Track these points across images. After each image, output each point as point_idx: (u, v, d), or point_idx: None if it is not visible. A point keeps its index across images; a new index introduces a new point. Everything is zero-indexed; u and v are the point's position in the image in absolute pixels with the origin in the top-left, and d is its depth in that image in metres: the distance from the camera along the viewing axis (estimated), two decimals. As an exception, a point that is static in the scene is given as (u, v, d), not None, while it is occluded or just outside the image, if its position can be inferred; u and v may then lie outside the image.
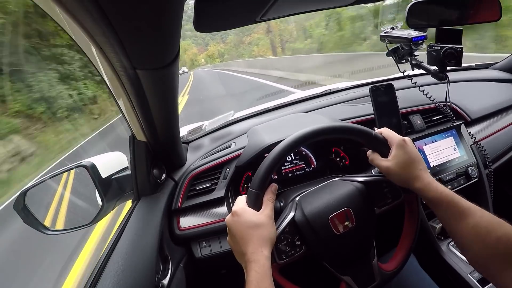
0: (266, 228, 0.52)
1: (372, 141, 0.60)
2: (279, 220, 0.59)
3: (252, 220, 0.52)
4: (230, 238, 0.55)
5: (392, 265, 0.62)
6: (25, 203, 0.67)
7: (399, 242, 0.65)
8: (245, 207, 0.54)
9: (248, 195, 0.56)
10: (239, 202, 0.56)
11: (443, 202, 0.51)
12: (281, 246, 0.56)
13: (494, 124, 1.03)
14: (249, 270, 0.48)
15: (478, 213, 0.48)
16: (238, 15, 0.51)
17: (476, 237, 0.47)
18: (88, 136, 8.47)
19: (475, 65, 1.33)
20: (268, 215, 0.54)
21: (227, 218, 0.56)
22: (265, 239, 0.51)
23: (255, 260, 0.48)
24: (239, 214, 0.53)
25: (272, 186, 0.58)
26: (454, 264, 0.81)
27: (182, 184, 0.83)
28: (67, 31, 0.41)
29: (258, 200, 0.55)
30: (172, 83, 0.54)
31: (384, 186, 0.62)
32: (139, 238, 0.66)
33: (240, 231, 0.52)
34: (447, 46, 0.81)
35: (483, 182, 0.94)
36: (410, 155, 0.57)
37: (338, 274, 0.58)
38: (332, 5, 0.62)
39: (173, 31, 0.39)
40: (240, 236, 0.51)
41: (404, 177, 0.56)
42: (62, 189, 1.13)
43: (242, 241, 0.51)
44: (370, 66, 4.81)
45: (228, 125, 1.09)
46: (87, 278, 0.58)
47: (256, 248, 0.49)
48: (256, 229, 0.51)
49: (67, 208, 1.40)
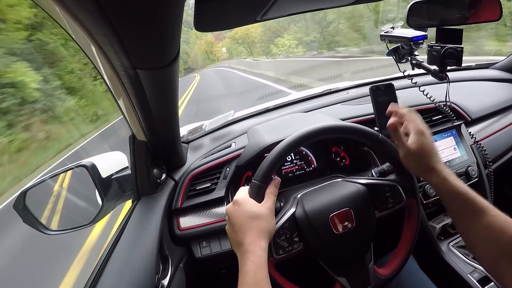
0: (266, 220, 0.52)
1: (378, 145, 0.61)
2: (280, 215, 0.59)
3: (253, 210, 0.52)
4: (229, 226, 0.54)
5: (388, 270, 0.62)
6: (25, 203, 0.67)
7: (397, 248, 0.65)
8: (247, 197, 0.54)
9: (251, 187, 0.56)
10: (241, 192, 0.56)
11: (459, 197, 0.50)
12: (279, 241, 0.56)
13: (494, 124, 1.03)
14: (245, 259, 0.47)
15: (492, 211, 0.48)
16: (238, 14, 0.51)
17: (490, 235, 0.47)
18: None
19: (475, 65, 1.33)
20: (269, 208, 0.53)
21: (227, 206, 0.55)
22: (264, 231, 0.50)
23: (252, 250, 0.48)
24: (240, 203, 0.53)
25: (275, 180, 0.57)
26: (454, 264, 0.81)
27: (182, 184, 0.83)
28: (67, 31, 0.41)
29: (261, 192, 0.55)
30: (172, 83, 0.54)
31: (386, 190, 0.62)
32: (139, 238, 0.65)
33: (240, 220, 0.52)
34: (447, 45, 0.81)
35: (483, 182, 0.94)
36: (430, 143, 0.55)
37: (333, 274, 0.58)
38: (332, 5, 0.62)
39: (173, 31, 0.39)
40: (240, 225, 0.51)
41: (421, 164, 0.55)
42: (60, 188, 1.13)
43: (240, 230, 0.51)
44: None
45: (228, 125, 1.09)
46: (87, 278, 0.58)
47: (255, 239, 0.49)
48: (256, 219, 0.51)
49: (62, 208, 1.40)
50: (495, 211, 0.48)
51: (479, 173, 0.93)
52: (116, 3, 0.30)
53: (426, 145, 0.55)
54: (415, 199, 0.63)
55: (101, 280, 0.56)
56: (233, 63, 23.61)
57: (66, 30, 0.41)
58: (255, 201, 0.54)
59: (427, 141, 0.55)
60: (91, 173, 0.70)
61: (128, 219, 0.71)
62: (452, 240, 0.89)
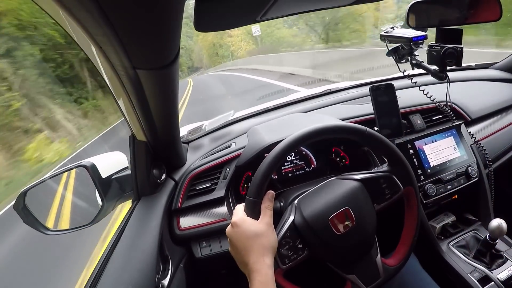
0: (266, 236, 0.52)
1: (365, 138, 0.60)
2: (279, 225, 0.59)
3: (251, 230, 0.52)
4: (232, 249, 0.55)
5: (396, 259, 0.62)
6: (25, 203, 0.67)
7: (401, 237, 0.65)
8: (243, 217, 0.55)
9: (246, 204, 0.56)
10: (238, 212, 0.56)
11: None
12: (283, 251, 0.56)
13: (494, 124, 1.03)
14: (252, 279, 0.48)
15: None
16: (238, 15, 0.51)
17: None
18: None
19: (475, 64, 1.33)
20: (267, 223, 0.54)
21: (227, 229, 0.56)
22: (266, 248, 0.51)
23: (257, 269, 0.48)
24: (238, 224, 0.53)
25: (269, 194, 0.57)
26: (454, 264, 0.81)
27: (182, 184, 0.83)
28: (67, 31, 0.41)
29: (256, 207, 0.55)
30: (172, 83, 0.54)
31: (381, 182, 0.62)
32: (139, 238, 0.65)
33: (241, 241, 0.52)
34: (447, 45, 0.81)
35: (483, 182, 0.94)
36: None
37: (343, 273, 0.58)
38: (332, 5, 0.61)
39: (173, 31, 0.39)
40: (242, 246, 0.52)
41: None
42: (63, 189, 1.13)
43: (244, 251, 0.51)
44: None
45: (228, 125, 1.09)
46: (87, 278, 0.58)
47: (258, 258, 0.49)
48: (256, 238, 0.51)
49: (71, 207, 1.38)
50: None
51: (479, 173, 0.93)
52: (116, 3, 0.30)
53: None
54: (412, 186, 0.63)
55: (101, 280, 0.56)
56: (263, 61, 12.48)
57: (66, 30, 0.41)
58: (252, 218, 0.54)
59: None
60: (91, 173, 0.70)
61: (128, 219, 0.71)
62: (452, 240, 0.89)
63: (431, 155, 0.91)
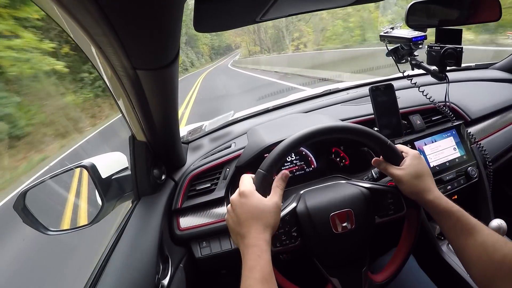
0: (272, 216, 0.51)
1: (386, 149, 0.61)
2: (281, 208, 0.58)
3: (259, 205, 0.51)
4: (231, 217, 0.53)
5: (383, 277, 0.62)
6: (25, 203, 0.67)
7: (393, 255, 0.65)
8: (253, 190, 0.52)
9: (256, 176, 0.55)
10: (246, 182, 0.54)
11: (453, 216, 0.52)
12: (278, 233, 0.56)
13: (494, 124, 1.03)
14: (250, 253, 0.47)
15: (485, 230, 0.49)
16: (238, 15, 0.51)
17: (483, 253, 0.48)
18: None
19: (475, 65, 1.33)
20: (277, 203, 0.52)
21: (233, 196, 0.54)
22: (269, 226, 0.50)
23: (257, 245, 0.47)
24: (247, 195, 0.51)
25: (283, 174, 0.56)
26: (454, 264, 0.81)
27: (182, 184, 0.83)
28: (67, 31, 0.41)
29: (265, 182, 0.54)
30: (172, 83, 0.54)
31: (389, 197, 0.61)
32: (139, 238, 0.65)
33: (245, 213, 0.50)
34: (447, 46, 0.81)
35: (483, 182, 0.94)
36: (423, 167, 0.59)
37: (326, 274, 0.58)
38: (332, 5, 0.62)
39: (173, 31, 0.39)
40: (245, 218, 0.50)
41: (415, 188, 0.57)
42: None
43: (245, 223, 0.50)
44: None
45: (228, 125, 1.09)
46: (87, 278, 0.58)
47: (259, 233, 0.48)
48: (262, 215, 0.50)
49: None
50: (488, 229, 0.50)
51: (479, 173, 0.93)
52: (116, 3, 0.30)
53: (423, 167, 0.59)
54: (415, 209, 0.62)
55: (101, 280, 0.56)
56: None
57: (65, 30, 0.41)
58: (261, 194, 0.52)
59: (423, 163, 0.60)
60: (91, 174, 0.70)
61: (128, 220, 0.71)
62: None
63: (431, 155, 0.91)
